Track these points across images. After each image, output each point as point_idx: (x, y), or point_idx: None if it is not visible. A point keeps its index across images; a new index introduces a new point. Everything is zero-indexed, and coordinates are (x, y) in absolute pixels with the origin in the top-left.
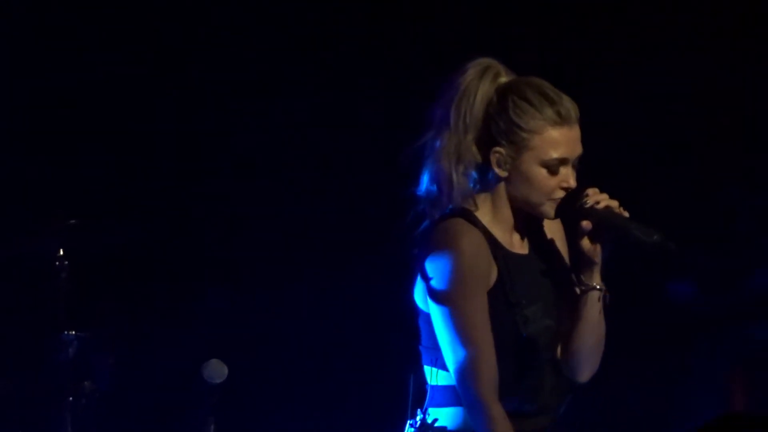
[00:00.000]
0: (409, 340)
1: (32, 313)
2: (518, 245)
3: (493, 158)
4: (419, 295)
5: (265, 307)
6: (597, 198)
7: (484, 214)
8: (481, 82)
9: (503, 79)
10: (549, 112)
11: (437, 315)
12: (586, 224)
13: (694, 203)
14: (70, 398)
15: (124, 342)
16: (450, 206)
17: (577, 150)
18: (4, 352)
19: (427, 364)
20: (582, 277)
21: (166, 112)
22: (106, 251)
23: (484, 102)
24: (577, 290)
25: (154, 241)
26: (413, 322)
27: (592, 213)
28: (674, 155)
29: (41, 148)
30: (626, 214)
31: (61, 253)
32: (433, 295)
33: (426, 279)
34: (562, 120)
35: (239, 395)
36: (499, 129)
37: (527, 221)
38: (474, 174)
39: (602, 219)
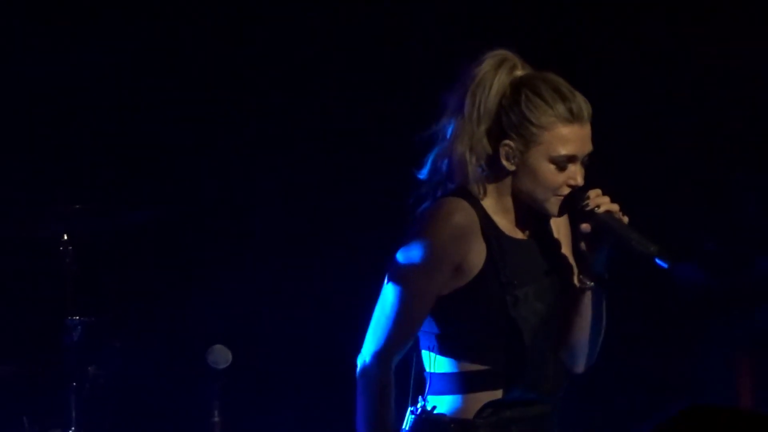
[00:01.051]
0: None
1: (37, 297)
2: (519, 232)
3: (503, 151)
4: None
5: (269, 292)
6: (598, 201)
7: (487, 202)
8: (497, 73)
9: (519, 72)
10: (561, 108)
11: (387, 275)
12: (585, 227)
13: (701, 188)
14: (74, 383)
15: (128, 327)
16: (452, 186)
17: (587, 148)
18: (9, 337)
19: (424, 349)
20: (582, 273)
21: (171, 99)
22: (111, 236)
23: (499, 94)
24: (577, 284)
25: (159, 226)
26: None
27: (592, 216)
28: (681, 141)
29: (46, 133)
30: (626, 220)
31: (66, 237)
32: (395, 258)
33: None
34: (573, 117)
35: (243, 380)
36: (511, 122)
37: (531, 213)
38: (483, 165)
39: (601, 224)
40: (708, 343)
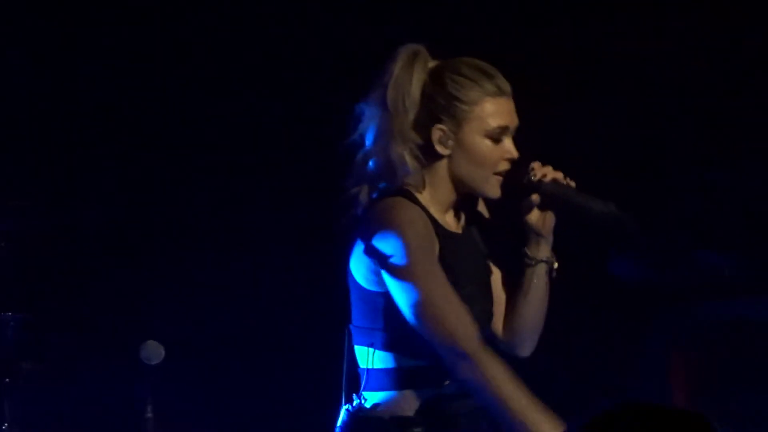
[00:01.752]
0: (340, 323)
1: None
2: (453, 226)
3: (435, 136)
4: (358, 272)
5: (201, 287)
6: (543, 171)
7: (425, 197)
8: (413, 65)
9: (431, 63)
10: (487, 84)
11: (400, 289)
12: (535, 198)
13: (639, 180)
14: (8, 379)
15: (62, 323)
16: (384, 185)
17: (516, 120)
18: None
19: (361, 345)
20: (529, 250)
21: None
22: (45, 232)
23: (420, 82)
24: (528, 263)
25: (92, 221)
26: (345, 303)
27: (539, 187)
28: (620, 132)
29: None
30: (573, 185)
31: None
32: (392, 271)
33: (379, 257)
34: (500, 91)
35: (176, 376)
36: (439, 106)
37: (459, 204)
38: (417, 156)
39: (552, 192)
40: (642, 338)
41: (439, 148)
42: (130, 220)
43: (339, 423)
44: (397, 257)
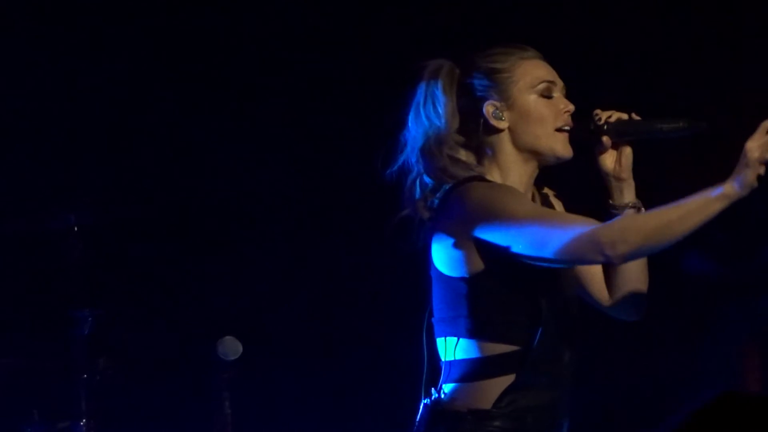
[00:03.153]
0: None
1: (47, 289)
2: None
3: (488, 112)
4: (440, 260)
5: (279, 283)
6: (607, 114)
7: (494, 180)
8: (439, 74)
9: (458, 70)
10: (520, 51)
11: (500, 234)
12: (606, 140)
13: (709, 176)
14: (84, 375)
15: (138, 319)
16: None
17: (560, 81)
18: (19, 329)
19: (444, 336)
20: (613, 200)
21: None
22: (120, 227)
23: (450, 88)
24: (614, 213)
25: (168, 217)
26: (426, 299)
27: (609, 127)
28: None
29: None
30: (638, 119)
31: (76, 229)
32: (486, 217)
33: (473, 226)
34: (536, 55)
35: (254, 372)
36: (481, 87)
37: (534, 190)
38: (471, 151)
39: (622, 129)
40: (716, 332)
41: (496, 123)
42: (209, 216)
43: (418, 417)
44: (496, 211)
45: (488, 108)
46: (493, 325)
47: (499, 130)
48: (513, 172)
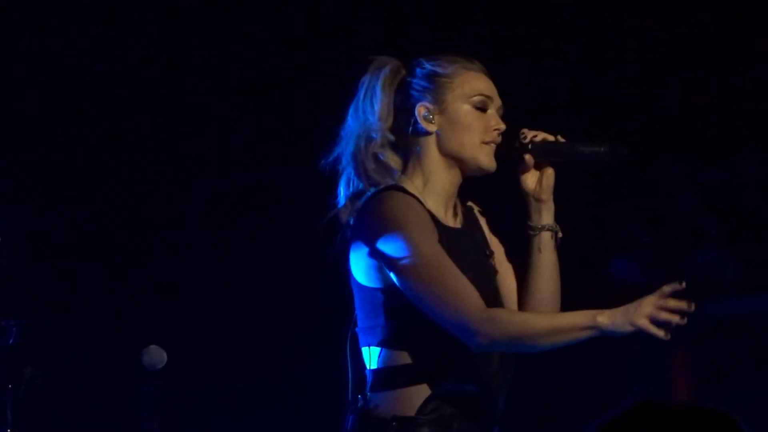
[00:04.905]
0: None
1: None
2: (450, 220)
3: (420, 113)
4: (358, 270)
5: (203, 289)
6: (533, 133)
7: (416, 187)
8: (381, 70)
9: (404, 70)
10: (466, 62)
11: (402, 274)
12: (528, 159)
13: (637, 181)
14: (10, 385)
15: (63, 328)
16: (373, 190)
17: (499, 100)
18: None
19: (366, 345)
20: (531, 220)
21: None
22: (45, 237)
23: (390, 86)
24: (531, 233)
25: (93, 226)
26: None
27: (533, 147)
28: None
29: None
30: (561, 140)
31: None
32: (392, 256)
33: (377, 248)
34: (480, 69)
35: (179, 381)
36: (419, 87)
37: (456, 197)
38: (397, 152)
39: (546, 148)
40: (643, 338)
41: (425, 124)
42: (132, 224)
43: (344, 426)
44: (396, 243)
45: (420, 109)
46: (412, 333)
47: (427, 133)
48: (436, 177)
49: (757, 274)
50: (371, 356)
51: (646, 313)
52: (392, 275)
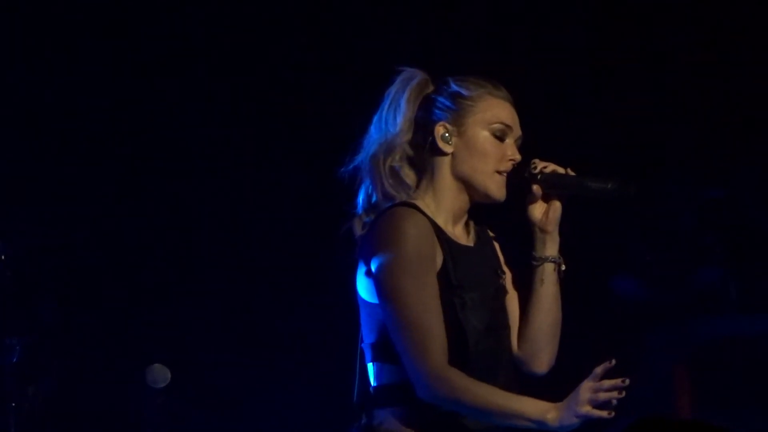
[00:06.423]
0: (353, 344)
1: None
2: (462, 237)
3: (438, 133)
4: (361, 286)
5: (208, 308)
6: (544, 164)
7: (427, 205)
8: (409, 83)
9: (431, 85)
10: (491, 88)
11: (383, 299)
12: (536, 189)
13: (639, 200)
14: (13, 404)
15: (66, 347)
16: (388, 204)
17: (519, 130)
18: None
19: (370, 361)
20: (535, 250)
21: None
22: (49, 255)
23: (414, 99)
24: (534, 263)
25: (95, 245)
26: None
27: (542, 177)
28: (620, 149)
29: None
30: (572, 173)
31: (3, 257)
32: (379, 280)
33: (372, 264)
34: (504, 97)
35: (183, 399)
36: (441, 105)
37: (470, 218)
38: (413, 168)
39: (554, 180)
40: (646, 356)
41: (442, 145)
42: (137, 245)
43: None
44: (386, 268)
45: (439, 128)
46: None
47: (443, 153)
48: (446, 198)
49: (759, 293)
50: (376, 372)
51: (585, 399)
52: (377, 297)
